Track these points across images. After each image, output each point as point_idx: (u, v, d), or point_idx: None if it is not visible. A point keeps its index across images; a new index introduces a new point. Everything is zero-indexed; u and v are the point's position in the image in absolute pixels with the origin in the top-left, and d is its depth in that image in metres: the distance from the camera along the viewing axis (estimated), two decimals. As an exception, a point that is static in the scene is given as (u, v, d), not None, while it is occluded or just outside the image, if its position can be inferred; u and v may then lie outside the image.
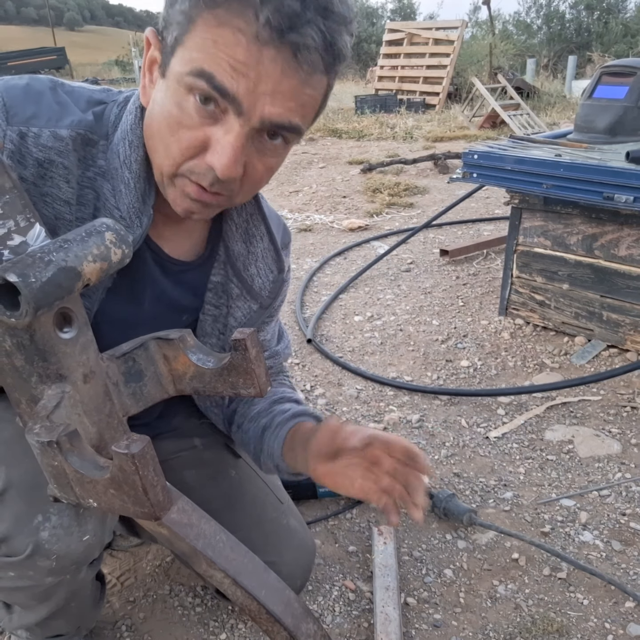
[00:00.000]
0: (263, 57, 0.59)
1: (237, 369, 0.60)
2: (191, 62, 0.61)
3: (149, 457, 0.48)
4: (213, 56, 0.60)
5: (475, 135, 6.89)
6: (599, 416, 1.79)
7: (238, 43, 0.59)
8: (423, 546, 1.35)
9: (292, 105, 0.64)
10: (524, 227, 2.22)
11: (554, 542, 1.35)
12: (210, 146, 0.65)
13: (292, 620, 0.61)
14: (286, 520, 1.10)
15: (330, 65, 0.64)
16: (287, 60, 0.60)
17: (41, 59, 14.85)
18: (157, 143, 0.69)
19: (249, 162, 0.67)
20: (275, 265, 0.92)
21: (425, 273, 3.00)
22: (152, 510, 0.51)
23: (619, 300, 2.03)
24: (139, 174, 0.72)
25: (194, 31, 0.61)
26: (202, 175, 0.67)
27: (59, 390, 0.53)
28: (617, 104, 2.19)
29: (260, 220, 0.88)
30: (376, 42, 15.78)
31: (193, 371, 0.63)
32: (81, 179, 0.71)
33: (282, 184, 5.09)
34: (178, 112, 0.64)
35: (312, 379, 2.08)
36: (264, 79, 0.60)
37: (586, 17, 16.81)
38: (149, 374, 0.64)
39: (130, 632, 1.17)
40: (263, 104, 0.62)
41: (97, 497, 0.51)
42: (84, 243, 0.49)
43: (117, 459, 0.47)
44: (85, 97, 0.75)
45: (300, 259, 3.31)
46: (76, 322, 0.53)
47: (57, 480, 0.52)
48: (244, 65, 0.59)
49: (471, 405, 1.88)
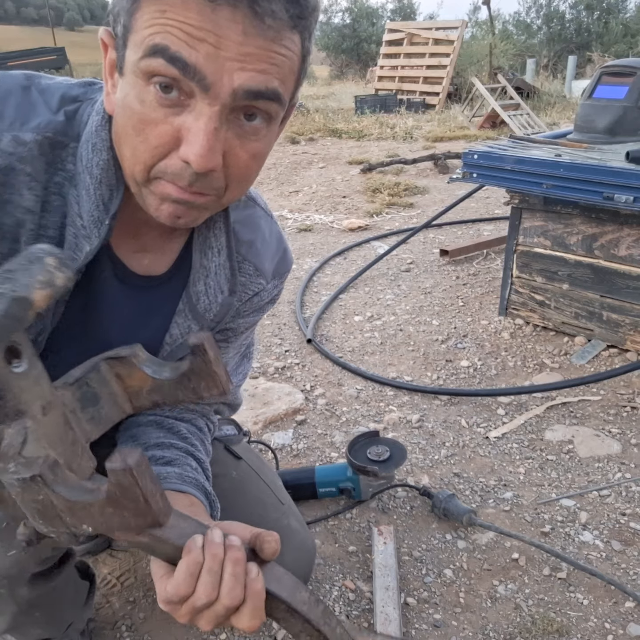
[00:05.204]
0: (219, 17, 0.53)
1: (198, 373, 0.59)
2: (143, 43, 0.55)
3: (145, 467, 0.48)
4: (163, 27, 0.53)
5: (475, 135, 6.89)
6: (599, 416, 1.79)
7: (188, 7, 0.52)
8: (423, 546, 1.35)
9: (265, 66, 0.56)
10: (524, 227, 2.22)
11: (554, 542, 1.35)
12: (182, 138, 0.58)
13: (285, 591, 0.61)
14: (287, 520, 1.10)
15: (299, 19, 0.56)
16: (247, 18, 0.53)
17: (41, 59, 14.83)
18: (125, 148, 0.62)
19: (229, 150, 0.60)
20: (227, 286, 0.80)
21: (425, 273, 3.00)
22: (156, 518, 0.50)
23: (619, 300, 2.03)
24: (99, 180, 0.66)
25: (139, 10, 0.55)
26: (179, 175, 0.60)
27: (20, 427, 0.51)
28: (617, 104, 2.20)
29: (222, 231, 0.77)
30: (376, 42, 15.79)
31: (150, 385, 0.61)
32: (49, 185, 0.67)
33: (282, 184, 5.09)
34: (140, 107, 0.57)
35: (312, 379, 2.08)
36: (225, 42, 0.53)
37: (586, 17, 16.82)
38: (104, 396, 0.62)
39: (130, 632, 1.17)
40: (230, 71, 0.54)
41: (91, 521, 0.51)
42: (28, 271, 0.47)
43: (114, 475, 0.47)
44: (60, 94, 0.69)
45: (300, 259, 3.31)
46: (25, 354, 0.51)
47: (44, 514, 0.51)
48: (199, 29, 0.53)
49: (471, 405, 1.88)
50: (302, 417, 1.85)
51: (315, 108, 9.49)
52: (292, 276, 3.04)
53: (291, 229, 3.88)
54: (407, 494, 1.52)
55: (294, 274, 3.08)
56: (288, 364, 2.17)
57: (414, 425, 1.79)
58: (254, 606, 0.57)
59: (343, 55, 18.56)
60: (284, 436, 1.76)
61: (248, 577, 0.57)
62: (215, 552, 0.56)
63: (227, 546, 0.57)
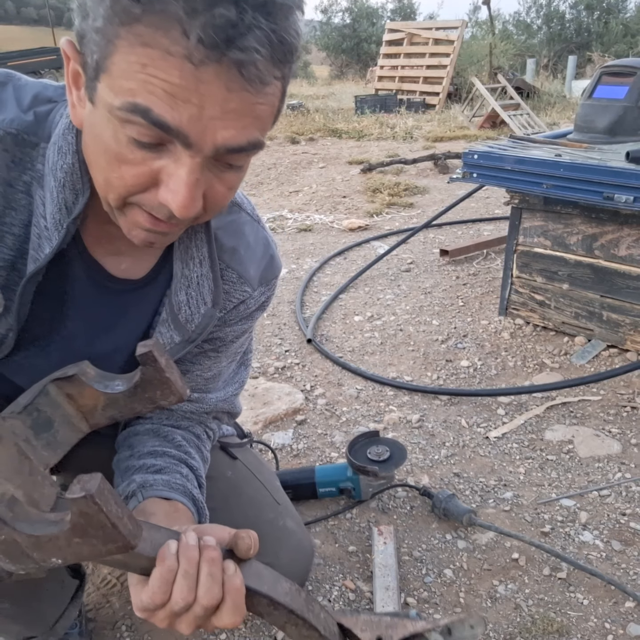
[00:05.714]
0: (202, 78, 0.50)
1: (151, 382, 0.57)
2: (121, 94, 0.52)
3: (108, 492, 0.47)
4: (144, 84, 0.50)
5: (475, 135, 6.89)
6: (599, 416, 1.79)
7: (170, 65, 0.49)
8: (423, 546, 1.35)
9: (247, 121, 0.54)
10: (524, 227, 2.22)
11: (554, 542, 1.35)
12: (161, 181, 0.56)
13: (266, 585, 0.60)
14: (283, 521, 1.09)
15: (283, 64, 0.54)
16: (231, 77, 0.51)
17: (41, 59, 14.80)
18: (97, 174, 0.60)
19: (208, 189, 0.59)
20: (210, 297, 0.78)
21: (425, 273, 3.00)
22: (127, 542, 0.49)
23: (619, 300, 2.03)
24: (63, 183, 0.65)
25: (116, 54, 0.51)
26: (156, 209, 0.58)
27: None
28: (617, 104, 2.20)
29: (204, 241, 0.76)
30: (376, 42, 15.79)
31: (104, 401, 0.59)
32: (16, 182, 0.66)
33: (282, 184, 5.09)
34: (116, 146, 0.55)
35: (312, 379, 2.08)
36: (209, 100, 0.51)
37: (586, 17, 16.82)
38: (57, 419, 0.60)
39: (130, 632, 1.17)
40: (213, 130, 0.53)
41: (60, 553, 0.49)
42: None
43: (75, 505, 0.45)
44: (33, 94, 0.68)
45: (300, 259, 3.31)
46: None
47: (9, 554, 0.49)
48: (183, 89, 0.50)
49: (471, 405, 1.88)
50: (302, 417, 1.85)
51: (315, 108, 9.50)
52: (292, 276, 3.04)
53: (291, 229, 3.88)
54: (407, 494, 1.52)
55: (293, 274, 3.08)
56: (288, 364, 2.17)
57: (414, 425, 1.79)
58: (233, 603, 0.57)
59: (343, 55, 18.57)
60: (284, 436, 1.76)
61: (225, 575, 0.57)
62: (190, 555, 0.56)
63: (202, 547, 0.57)
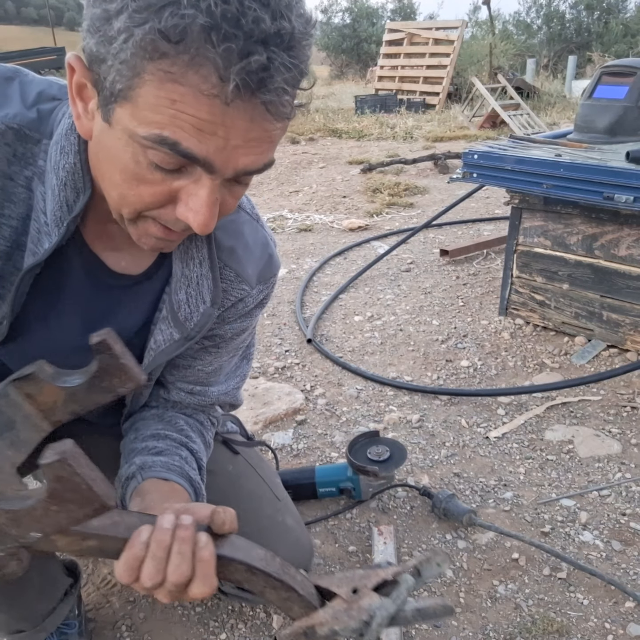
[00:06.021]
0: (230, 113, 0.52)
1: (107, 370, 0.57)
2: (146, 125, 0.53)
3: (79, 455, 0.48)
4: (172, 119, 0.52)
5: (475, 135, 6.89)
6: (599, 416, 1.79)
7: (200, 102, 0.51)
8: (423, 546, 1.35)
9: (266, 146, 0.58)
10: (524, 227, 2.22)
11: (554, 542, 1.35)
12: (179, 199, 0.59)
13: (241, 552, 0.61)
14: (282, 517, 1.09)
15: (298, 88, 0.57)
16: (258, 113, 0.54)
17: (41, 59, 14.81)
18: (111, 189, 0.62)
19: (221, 203, 0.62)
20: (209, 296, 0.80)
21: (425, 273, 3.00)
22: (103, 502, 0.50)
23: (619, 300, 2.03)
24: (64, 182, 0.66)
25: (143, 87, 0.52)
26: (172, 223, 0.61)
27: None
28: (617, 104, 2.19)
29: (203, 242, 0.78)
30: (376, 42, 15.77)
31: (64, 396, 0.60)
32: (17, 176, 0.67)
33: (282, 184, 5.09)
34: (134, 167, 0.57)
35: (312, 379, 2.08)
36: (233, 132, 0.54)
37: (586, 17, 16.80)
38: (19, 420, 0.60)
39: (130, 632, 1.17)
40: (236, 157, 0.56)
41: (38, 526, 0.50)
42: None
43: (50, 470, 0.46)
44: (38, 91, 0.69)
45: (300, 259, 3.31)
46: None
47: None
48: (211, 123, 0.52)
49: (471, 405, 1.88)
50: (302, 417, 1.85)
51: (315, 108, 9.49)
52: (292, 276, 3.04)
53: (291, 229, 3.88)
54: (407, 494, 1.52)
55: (293, 274, 3.08)
56: (288, 364, 2.17)
57: (414, 425, 1.79)
58: (203, 574, 0.58)
59: (343, 55, 18.54)
60: (284, 436, 1.76)
61: (197, 547, 0.58)
62: (161, 538, 0.57)
63: (177, 526, 0.58)
